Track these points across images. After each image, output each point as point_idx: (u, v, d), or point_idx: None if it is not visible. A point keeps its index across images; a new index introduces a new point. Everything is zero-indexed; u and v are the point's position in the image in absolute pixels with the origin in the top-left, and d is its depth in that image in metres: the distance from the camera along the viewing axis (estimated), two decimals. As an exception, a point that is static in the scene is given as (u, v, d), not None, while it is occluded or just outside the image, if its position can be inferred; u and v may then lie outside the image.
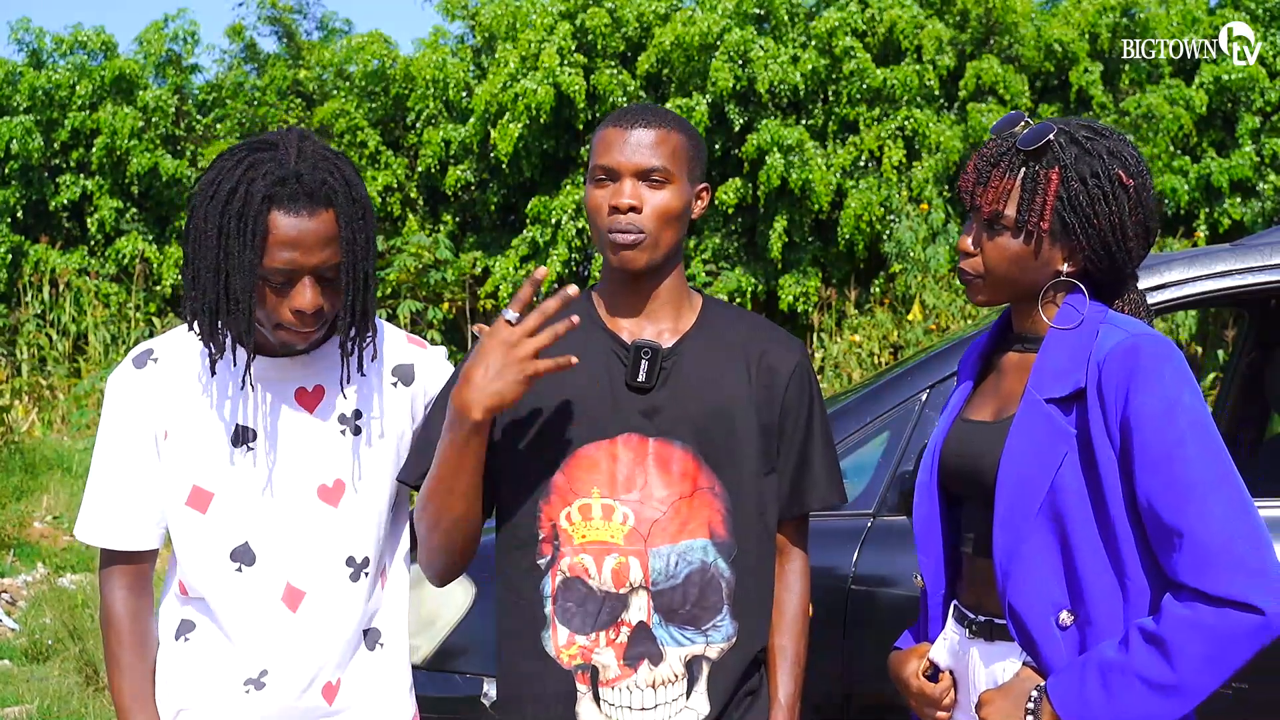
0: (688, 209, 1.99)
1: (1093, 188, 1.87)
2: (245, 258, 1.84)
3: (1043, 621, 1.86)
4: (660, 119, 1.98)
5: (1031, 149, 1.88)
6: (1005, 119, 1.98)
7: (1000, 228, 1.90)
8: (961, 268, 1.96)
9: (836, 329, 11.01)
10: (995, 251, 1.91)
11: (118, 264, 12.18)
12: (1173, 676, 1.72)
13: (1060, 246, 1.90)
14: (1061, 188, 1.86)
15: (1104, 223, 1.87)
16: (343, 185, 1.89)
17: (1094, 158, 1.88)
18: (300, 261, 1.85)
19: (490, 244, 12.21)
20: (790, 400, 2.04)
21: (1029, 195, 1.87)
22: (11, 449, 8.58)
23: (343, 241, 1.88)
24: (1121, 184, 1.88)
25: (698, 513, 1.96)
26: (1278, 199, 11.67)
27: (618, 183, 1.95)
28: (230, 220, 1.84)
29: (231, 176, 1.86)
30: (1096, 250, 1.89)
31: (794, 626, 2.06)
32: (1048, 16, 12.20)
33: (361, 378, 2.04)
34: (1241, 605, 1.70)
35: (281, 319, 1.89)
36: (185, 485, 1.98)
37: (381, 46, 12.67)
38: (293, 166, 1.86)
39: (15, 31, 13.13)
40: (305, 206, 1.85)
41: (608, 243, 1.96)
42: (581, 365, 1.95)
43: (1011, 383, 2.00)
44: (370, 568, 2.03)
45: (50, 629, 5.74)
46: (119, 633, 2.02)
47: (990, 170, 1.90)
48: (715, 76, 11.24)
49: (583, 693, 1.95)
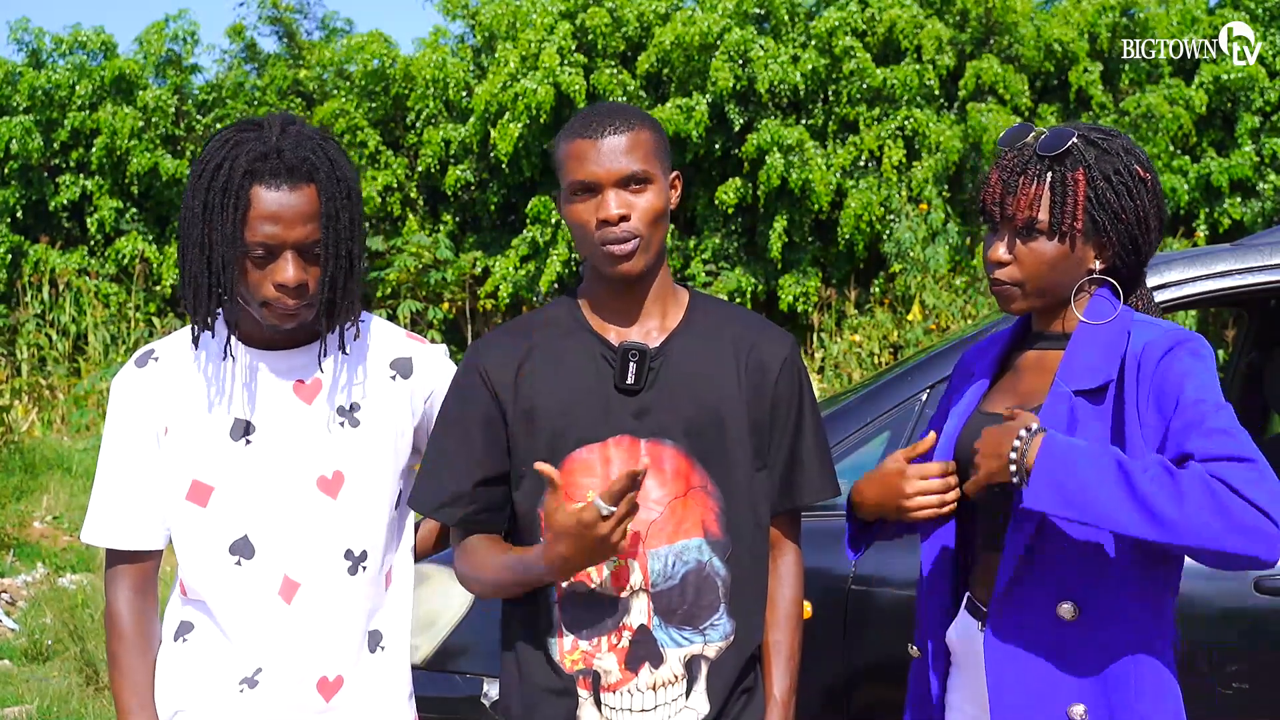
0: (669, 203, 1.98)
1: (1117, 184, 1.93)
2: (227, 231, 1.88)
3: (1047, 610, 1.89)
4: (625, 119, 1.94)
5: (1055, 154, 1.93)
6: (1014, 130, 2.02)
7: (1035, 233, 1.93)
8: (997, 277, 1.98)
9: (836, 329, 11.02)
10: (1032, 257, 1.94)
11: (117, 264, 12.19)
12: (1163, 503, 1.71)
13: (1092, 245, 1.95)
14: (1089, 188, 1.92)
15: (1130, 216, 1.94)
16: (325, 163, 1.93)
17: (1113, 156, 1.94)
18: (281, 236, 1.88)
19: (490, 244, 12.21)
20: (780, 394, 2.02)
21: (1060, 198, 1.92)
22: (11, 449, 8.58)
23: (324, 218, 1.91)
24: (1140, 178, 1.95)
25: (692, 512, 1.96)
26: (1278, 199, 11.67)
27: (600, 194, 1.92)
28: (214, 195, 1.89)
29: (217, 155, 1.92)
30: (1125, 244, 1.95)
31: (788, 622, 2.05)
32: (1047, 16, 12.20)
33: (358, 370, 2.05)
34: (1264, 511, 1.70)
35: (265, 295, 1.91)
36: (185, 480, 1.99)
37: (381, 46, 12.67)
38: (274, 143, 1.91)
39: (15, 31, 13.13)
40: (286, 181, 1.89)
41: (603, 256, 1.93)
42: (570, 370, 1.97)
43: (1031, 380, 2.02)
44: (369, 562, 2.03)
45: (50, 629, 5.74)
46: (122, 634, 2.02)
47: (1017, 179, 1.94)
48: (715, 76, 11.25)
49: (584, 698, 1.95)
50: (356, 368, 2.05)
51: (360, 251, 1.98)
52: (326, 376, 2.03)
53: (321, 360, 2.01)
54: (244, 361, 2.01)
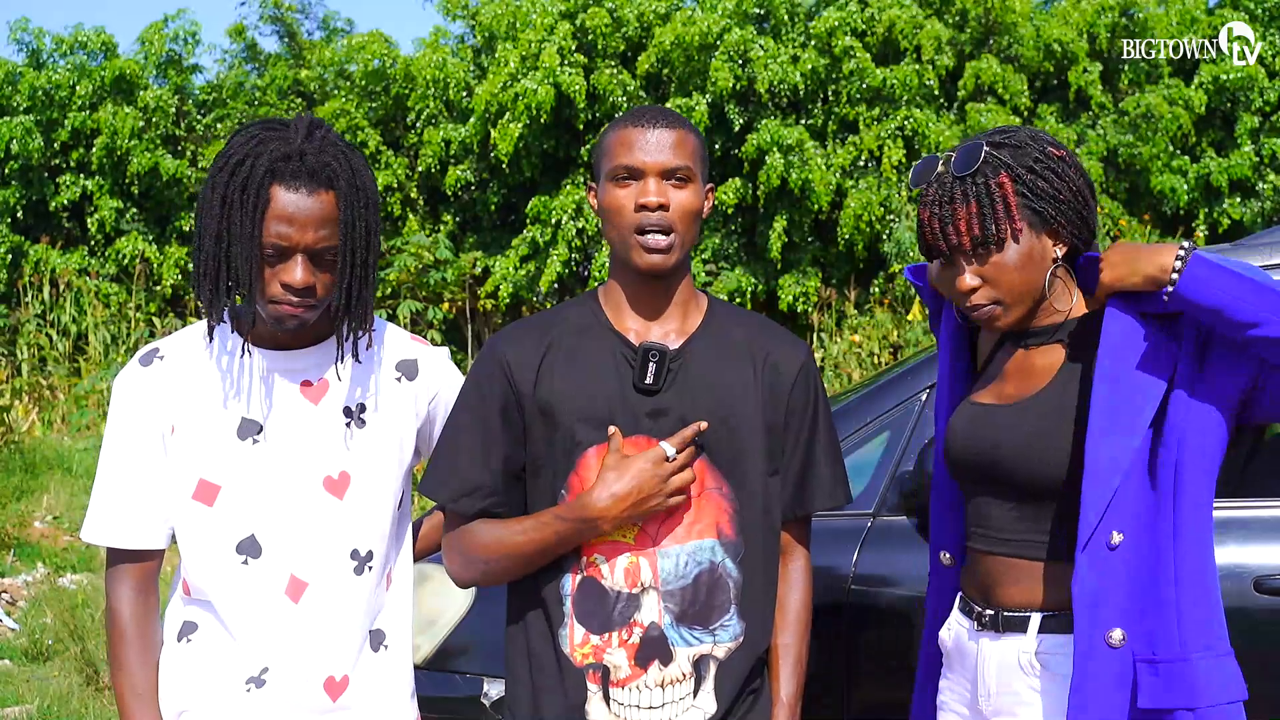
0: (703, 209, 2.01)
1: (1042, 171, 1.94)
2: (245, 228, 1.89)
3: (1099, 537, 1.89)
4: (676, 120, 2.00)
5: (971, 171, 1.94)
6: (921, 166, 2.03)
7: (988, 248, 1.93)
8: (975, 303, 1.97)
9: (836, 329, 11.02)
10: (997, 271, 1.94)
11: (118, 264, 12.19)
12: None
13: (1046, 234, 1.96)
14: (1016, 185, 1.93)
15: (1067, 194, 1.95)
16: (347, 171, 1.94)
17: (1024, 148, 1.96)
18: (294, 238, 1.89)
19: (490, 244, 12.21)
20: (795, 401, 2.05)
21: (993, 208, 1.92)
22: (11, 449, 8.58)
23: (342, 225, 1.92)
24: (1057, 157, 1.96)
25: (706, 513, 1.98)
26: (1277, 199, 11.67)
27: (641, 181, 1.96)
28: (234, 191, 1.90)
29: (240, 151, 1.93)
30: (1073, 222, 1.96)
31: (796, 625, 2.07)
32: (1047, 16, 12.20)
33: (366, 371, 2.06)
34: None
35: (271, 293, 1.92)
36: (192, 479, 1.99)
37: (382, 46, 12.67)
38: (299, 145, 1.92)
39: (15, 31, 13.13)
40: (305, 184, 1.90)
41: (635, 246, 1.96)
42: (589, 367, 1.99)
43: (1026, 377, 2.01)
44: (374, 562, 2.03)
45: (50, 629, 5.75)
46: (123, 634, 2.02)
47: (949, 208, 1.95)
48: (715, 76, 11.25)
49: (593, 692, 1.97)
50: (363, 370, 2.06)
51: (375, 262, 1.99)
52: (334, 377, 2.04)
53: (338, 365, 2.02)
54: (252, 361, 2.01)
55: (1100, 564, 1.86)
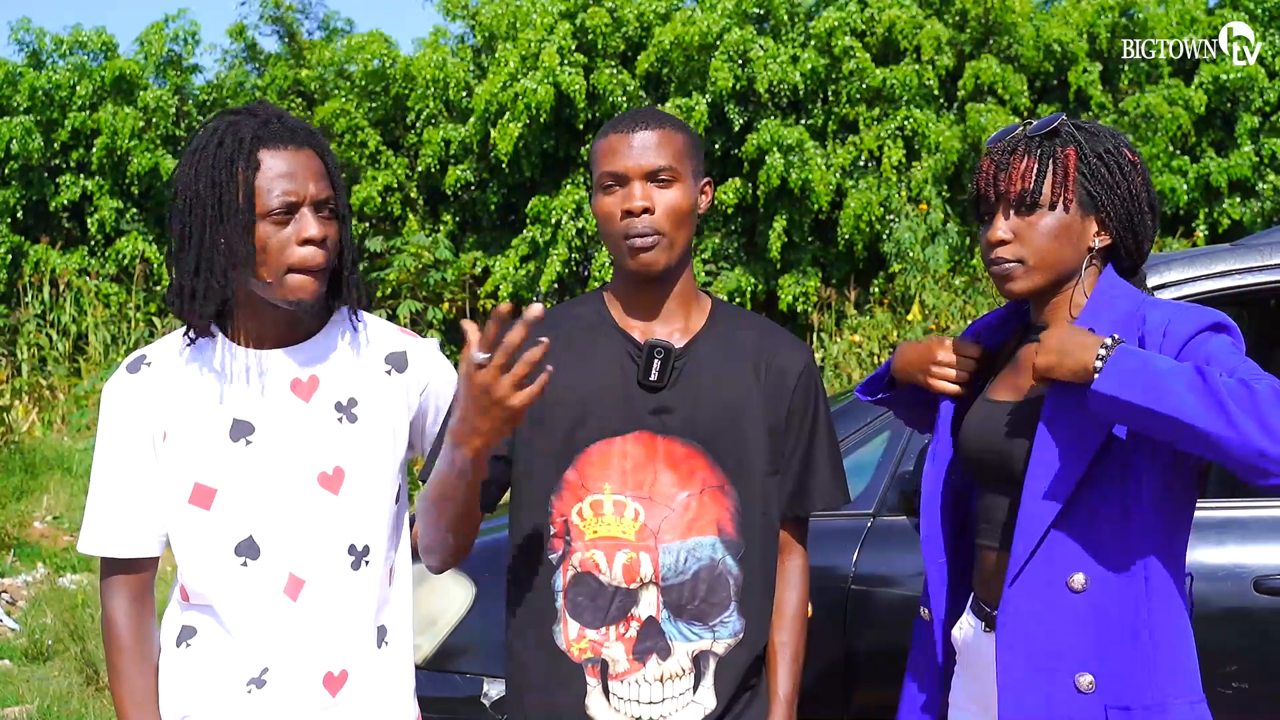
0: (695, 206, 2.02)
1: (1109, 161, 1.96)
2: (241, 202, 1.89)
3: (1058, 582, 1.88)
4: (659, 120, 2.01)
5: (1044, 133, 1.97)
6: (1003, 129, 2.05)
7: (1032, 206, 1.94)
8: (999, 256, 1.97)
9: (836, 329, 11.02)
10: (1031, 230, 1.95)
11: (118, 264, 12.19)
12: (1239, 399, 1.68)
13: (1091, 218, 1.96)
14: (1080, 163, 1.95)
15: (1124, 192, 1.96)
16: (316, 135, 2.00)
17: (1102, 138, 1.99)
18: (299, 192, 1.92)
19: (490, 244, 12.21)
20: (797, 402, 2.06)
21: (1051, 170, 1.94)
22: (11, 449, 8.59)
23: (330, 175, 1.97)
24: (1130, 160, 1.98)
25: (707, 510, 1.99)
26: (1277, 199, 11.67)
27: (626, 187, 1.97)
28: (220, 170, 1.90)
29: (215, 135, 1.94)
30: (1122, 220, 1.97)
31: (794, 623, 2.09)
32: (1046, 16, 12.21)
33: (355, 365, 2.06)
34: None
35: (291, 261, 1.92)
36: (187, 484, 1.98)
37: (382, 46, 12.68)
38: (271, 114, 1.97)
39: (15, 32, 13.15)
40: (290, 142, 1.94)
41: (625, 249, 1.98)
42: (594, 363, 2.00)
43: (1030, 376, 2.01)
44: (372, 557, 2.03)
45: (50, 629, 5.75)
46: (121, 643, 2.02)
47: (1008, 158, 1.97)
48: (715, 76, 11.25)
49: (592, 686, 1.98)
50: (352, 364, 2.06)
51: (350, 219, 2.03)
52: (323, 373, 2.04)
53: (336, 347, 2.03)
54: (239, 361, 2.01)
55: (1062, 607, 1.87)
